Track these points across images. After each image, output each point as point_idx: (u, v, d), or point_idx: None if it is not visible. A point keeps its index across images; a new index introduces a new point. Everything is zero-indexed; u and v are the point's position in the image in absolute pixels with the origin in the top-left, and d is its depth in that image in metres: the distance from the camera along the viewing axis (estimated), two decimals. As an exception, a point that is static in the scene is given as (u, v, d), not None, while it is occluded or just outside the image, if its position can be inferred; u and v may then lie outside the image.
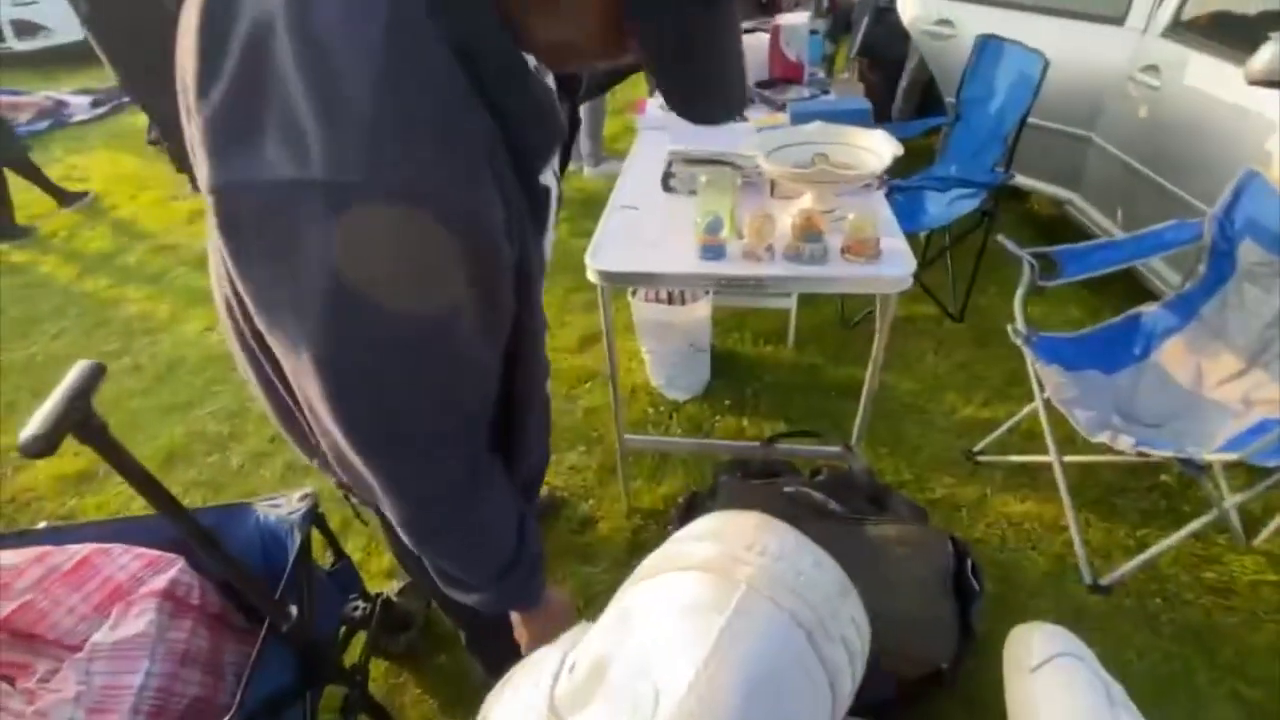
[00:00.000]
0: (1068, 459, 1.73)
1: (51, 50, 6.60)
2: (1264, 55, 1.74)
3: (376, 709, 1.33)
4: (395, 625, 1.54)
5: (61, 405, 0.68)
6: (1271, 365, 1.57)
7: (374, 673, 1.47)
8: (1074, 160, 2.62)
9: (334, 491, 0.87)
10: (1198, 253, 1.75)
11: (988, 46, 2.49)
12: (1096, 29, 2.46)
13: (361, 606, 1.44)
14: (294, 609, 1.05)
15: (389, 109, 0.45)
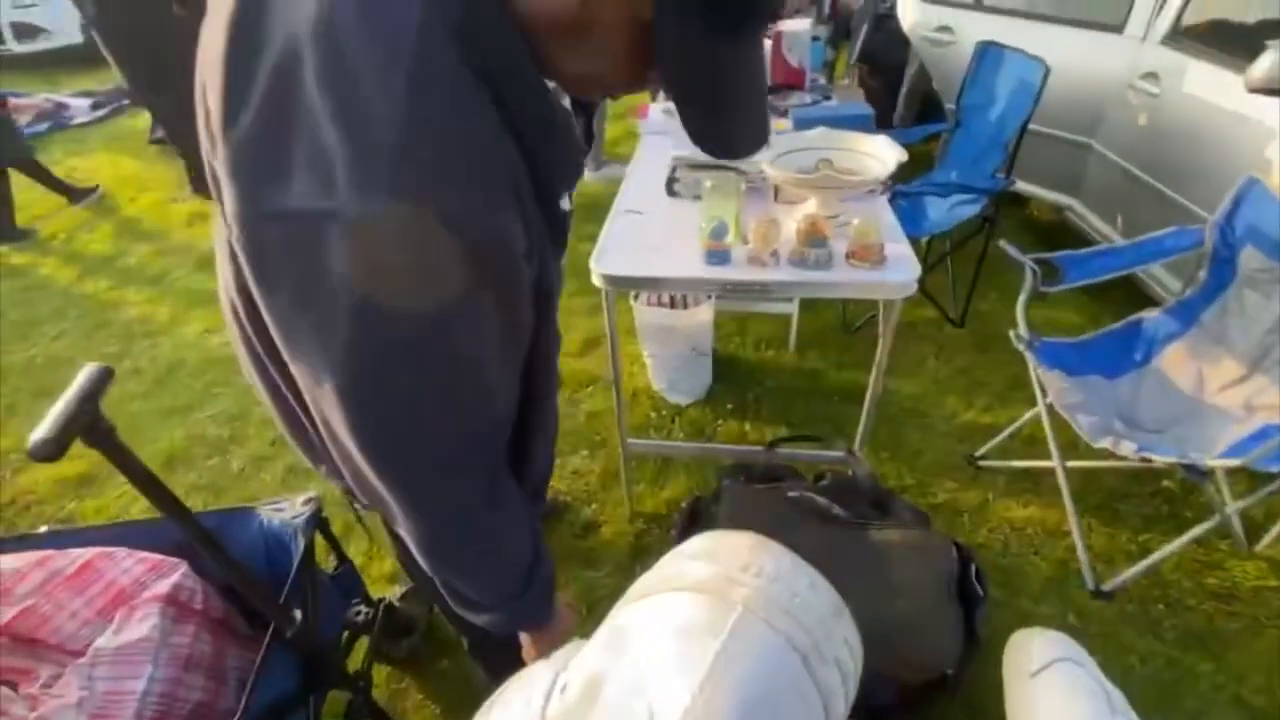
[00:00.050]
0: (1070, 464, 1.73)
1: (51, 52, 6.62)
2: (1263, 63, 1.76)
3: (379, 714, 1.32)
4: (398, 630, 1.54)
5: (71, 409, 0.68)
6: (1273, 371, 1.58)
7: (376, 678, 1.46)
8: (1074, 166, 2.63)
9: (336, 495, 0.87)
10: (1198, 259, 1.76)
11: (988, 53, 2.51)
12: (1096, 36, 2.47)
13: (364, 611, 1.43)
14: (298, 614, 1.05)
15: (415, 135, 0.45)
